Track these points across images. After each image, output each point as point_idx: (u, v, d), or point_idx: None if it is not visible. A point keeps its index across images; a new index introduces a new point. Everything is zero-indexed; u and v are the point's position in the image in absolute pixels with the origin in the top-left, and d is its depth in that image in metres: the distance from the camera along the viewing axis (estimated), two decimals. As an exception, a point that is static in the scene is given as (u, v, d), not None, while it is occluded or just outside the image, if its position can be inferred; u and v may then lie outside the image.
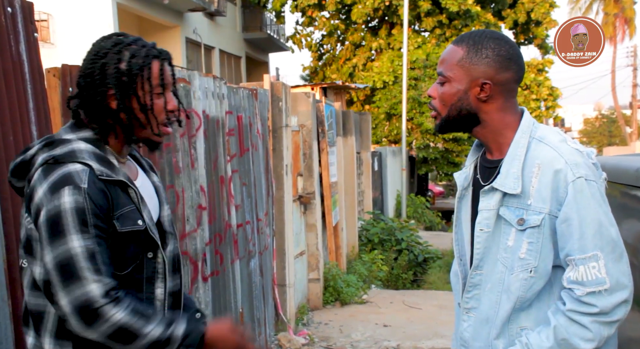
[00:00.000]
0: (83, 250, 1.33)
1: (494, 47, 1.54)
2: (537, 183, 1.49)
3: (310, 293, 6.50)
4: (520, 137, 1.54)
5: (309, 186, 6.43)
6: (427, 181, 20.63)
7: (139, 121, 1.49)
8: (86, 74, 1.46)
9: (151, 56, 1.48)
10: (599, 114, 52.34)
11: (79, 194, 1.35)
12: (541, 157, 1.49)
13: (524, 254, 1.51)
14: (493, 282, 1.56)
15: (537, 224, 1.48)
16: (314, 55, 20.27)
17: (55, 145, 1.44)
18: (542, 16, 18.55)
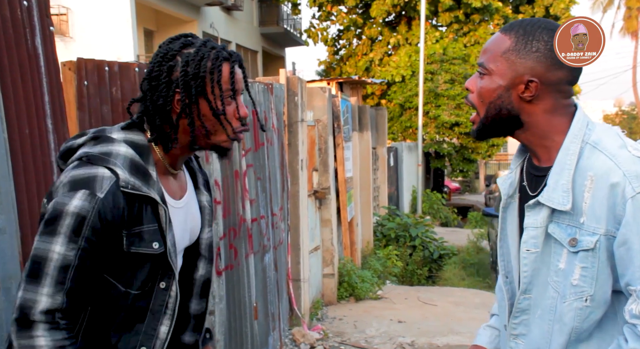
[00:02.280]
0: (59, 258, 1.27)
1: (547, 40, 1.32)
2: (591, 199, 1.26)
3: (325, 288, 6.50)
4: (571, 142, 1.31)
5: (324, 181, 6.41)
6: (443, 177, 20.52)
7: (205, 127, 1.40)
8: (152, 77, 1.38)
9: (221, 58, 1.39)
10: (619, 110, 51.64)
11: (89, 202, 1.28)
12: (595, 168, 1.27)
13: (577, 281, 1.29)
14: (544, 308, 1.36)
15: (590, 247, 1.26)
16: (330, 50, 20.22)
17: (99, 142, 1.37)
18: (561, 11, 18.30)
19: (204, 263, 1.61)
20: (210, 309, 3.29)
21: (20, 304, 1.26)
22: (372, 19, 18.56)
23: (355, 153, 8.12)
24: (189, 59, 1.37)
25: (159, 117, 1.39)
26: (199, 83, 1.37)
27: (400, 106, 17.25)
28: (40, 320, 1.25)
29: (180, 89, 1.36)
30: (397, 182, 13.15)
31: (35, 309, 1.25)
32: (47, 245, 1.27)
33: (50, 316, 1.26)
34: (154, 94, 1.38)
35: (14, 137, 1.97)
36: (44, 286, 1.26)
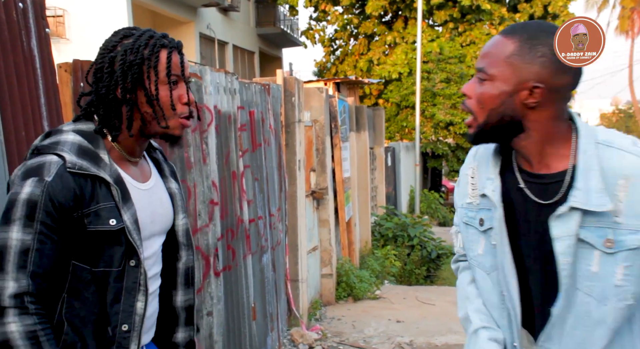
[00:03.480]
0: (17, 244, 1.30)
1: (552, 43, 1.27)
2: (626, 197, 1.23)
3: (323, 288, 6.50)
4: (587, 144, 1.28)
5: (321, 181, 6.42)
6: (440, 177, 20.53)
7: (146, 114, 1.45)
8: (96, 70, 1.45)
9: (158, 45, 1.44)
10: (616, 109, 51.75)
11: (38, 187, 1.32)
12: (627, 168, 1.24)
13: (620, 281, 1.25)
14: (577, 316, 1.30)
15: (636, 246, 1.23)
16: (327, 50, 20.23)
17: (50, 135, 1.43)
18: (560, 9, 18.31)
19: (184, 251, 1.63)
20: (209, 310, 3.29)
21: None
22: (369, 18, 18.57)
23: (352, 153, 8.12)
24: (127, 48, 1.42)
25: (102, 107, 1.43)
26: (136, 70, 1.42)
27: (397, 105, 17.26)
28: (10, 305, 1.27)
29: (120, 78, 1.42)
30: (394, 182, 13.16)
31: (4, 295, 1.27)
32: (5, 234, 1.31)
33: (19, 300, 1.28)
34: (98, 85, 1.44)
35: (10, 139, 1.97)
36: (8, 272, 1.29)
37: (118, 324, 1.42)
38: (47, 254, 1.33)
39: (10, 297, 1.27)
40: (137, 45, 1.43)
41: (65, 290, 1.39)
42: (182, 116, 1.48)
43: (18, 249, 1.30)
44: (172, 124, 1.47)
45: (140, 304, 1.45)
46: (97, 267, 1.40)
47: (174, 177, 1.67)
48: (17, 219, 1.31)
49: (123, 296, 1.43)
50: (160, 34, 1.48)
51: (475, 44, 17.62)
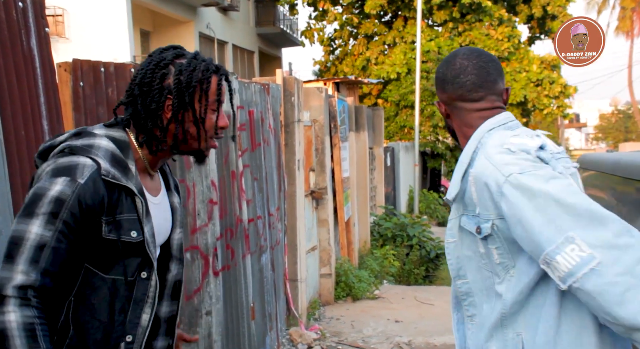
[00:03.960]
0: (35, 238, 1.31)
1: (438, 69, 1.62)
2: (475, 192, 1.44)
3: (322, 288, 6.50)
4: (470, 145, 1.52)
5: (321, 181, 6.42)
6: (439, 177, 20.52)
7: (188, 133, 1.49)
8: (144, 83, 1.46)
9: (211, 70, 1.50)
10: (615, 109, 51.77)
11: (69, 187, 1.34)
12: (475, 166, 1.46)
13: (498, 259, 1.45)
14: (487, 288, 1.50)
15: (489, 233, 1.43)
16: (326, 50, 20.22)
17: (82, 136, 1.44)
18: (558, 10, 18.33)
19: (175, 264, 1.65)
20: (207, 310, 3.29)
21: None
22: (368, 17, 18.56)
23: (352, 153, 8.13)
24: (182, 68, 1.46)
25: (150, 121, 1.47)
26: (191, 92, 1.46)
27: (396, 105, 17.26)
28: (13, 295, 1.28)
29: (172, 96, 1.45)
30: (393, 182, 13.16)
31: (9, 285, 1.28)
32: (25, 226, 1.31)
33: (22, 292, 1.29)
34: (146, 99, 1.46)
35: (10, 139, 1.98)
36: (19, 263, 1.29)
37: (123, 334, 1.43)
38: (61, 254, 1.34)
39: (14, 287, 1.28)
40: (192, 67, 1.47)
41: (72, 294, 1.39)
42: (213, 137, 1.54)
43: (35, 243, 1.31)
44: (205, 145, 1.53)
45: (145, 316, 1.47)
46: (108, 274, 1.41)
47: (177, 191, 1.71)
48: (41, 214, 1.32)
49: (131, 306, 1.45)
50: (209, 58, 1.53)
51: (474, 45, 17.62)
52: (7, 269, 1.29)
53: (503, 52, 17.48)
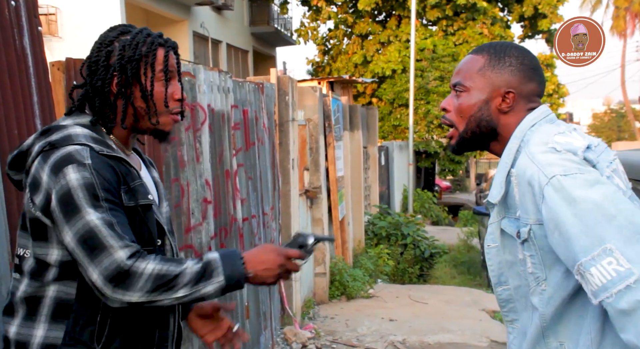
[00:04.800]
0: (101, 221, 1.30)
1: (517, 55, 1.44)
2: (518, 193, 1.35)
3: (317, 287, 6.51)
4: (512, 143, 1.42)
5: (315, 180, 6.42)
6: (433, 176, 20.57)
7: (138, 109, 1.47)
8: (91, 63, 1.47)
9: (156, 43, 1.48)
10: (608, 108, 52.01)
11: (84, 170, 1.32)
12: (517, 166, 1.35)
13: (530, 269, 1.36)
14: (523, 295, 1.43)
15: (526, 237, 1.34)
16: (320, 49, 20.22)
17: (51, 132, 1.42)
18: (549, 9, 18.40)
19: (169, 239, 1.63)
20: (202, 309, 3.29)
21: (105, 277, 1.29)
22: (362, 16, 18.57)
23: (346, 152, 8.13)
24: (126, 44, 1.46)
25: (98, 99, 1.46)
26: (134, 65, 1.45)
27: (390, 103, 17.29)
28: (131, 264, 1.30)
29: (117, 72, 1.44)
30: (388, 181, 13.18)
31: (121, 264, 1.29)
32: (82, 221, 1.30)
33: (133, 258, 1.31)
34: (93, 78, 1.45)
35: (3, 138, 1.97)
36: (111, 245, 1.30)
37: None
38: (125, 220, 1.36)
39: (128, 258, 1.30)
40: (136, 42, 1.46)
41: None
42: (174, 111, 1.51)
43: (105, 224, 1.31)
44: (163, 120, 1.50)
45: None
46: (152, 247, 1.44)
47: (154, 167, 1.72)
48: (84, 203, 1.31)
49: None
50: (157, 33, 1.51)
51: (468, 43, 17.67)
52: (108, 255, 1.29)
53: (496, 51, 17.53)
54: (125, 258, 1.30)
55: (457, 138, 1.50)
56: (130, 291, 1.30)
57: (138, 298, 1.31)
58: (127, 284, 1.30)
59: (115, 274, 1.29)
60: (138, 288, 1.30)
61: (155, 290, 1.32)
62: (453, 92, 1.50)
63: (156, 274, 1.31)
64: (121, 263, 1.29)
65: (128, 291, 1.30)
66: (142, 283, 1.30)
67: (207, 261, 1.38)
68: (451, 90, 1.52)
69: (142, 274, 1.30)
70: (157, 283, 1.31)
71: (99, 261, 1.29)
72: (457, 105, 1.48)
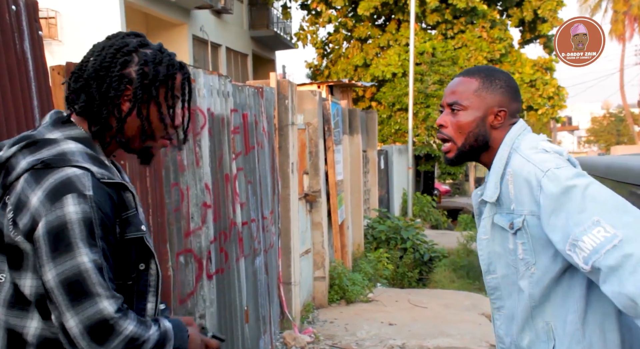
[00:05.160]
0: (93, 265, 1.22)
1: (505, 79, 1.67)
2: (513, 189, 1.58)
3: (316, 291, 6.50)
4: (503, 150, 1.64)
5: (315, 184, 6.42)
6: (433, 180, 20.58)
7: (146, 128, 1.39)
8: (102, 67, 1.34)
9: (176, 67, 1.42)
10: (607, 112, 52.05)
11: (85, 203, 1.23)
12: (513, 165, 1.59)
13: (521, 255, 1.59)
14: (510, 284, 1.65)
15: (520, 226, 1.57)
16: (319, 52, 20.25)
17: (40, 146, 1.29)
18: (549, 14, 18.44)
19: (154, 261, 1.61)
20: (201, 313, 3.29)
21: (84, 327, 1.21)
22: (362, 21, 18.59)
23: (345, 156, 8.13)
24: (147, 59, 1.37)
25: (106, 109, 1.36)
26: (157, 85, 1.38)
27: (390, 107, 17.29)
28: (117, 319, 1.24)
29: (133, 86, 1.36)
30: (387, 185, 13.18)
31: (107, 316, 1.23)
32: (72, 262, 1.22)
33: (119, 312, 1.25)
34: (103, 85, 1.35)
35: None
36: (100, 293, 1.23)
37: None
38: (110, 264, 1.29)
39: (115, 312, 1.24)
40: (158, 60, 1.39)
41: None
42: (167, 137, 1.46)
43: (96, 269, 1.23)
44: (156, 144, 1.45)
45: (150, 305, 1.43)
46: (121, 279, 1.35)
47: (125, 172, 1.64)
48: (80, 241, 1.22)
49: (135, 298, 1.40)
50: (173, 53, 1.46)
51: (467, 47, 17.70)
52: (94, 303, 1.22)
53: (495, 53, 17.56)
54: (113, 311, 1.23)
55: (455, 152, 1.69)
56: (103, 347, 1.23)
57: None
58: (105, 340, 1.22)
59: (97, 327, 1.21)
60: (112, 346, 1.23)
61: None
62: (448, 110, 1.69)
63: (131, 337, 1.26)
64: (107, 315, 1.22)
65: (102, 346, 1.22)
66: (117, 342, 1.24)
67: (164, 331, 1.35)
68: (444, 108, 1.71)
69: (122, 333, 1.24)
70: (128, 346, 1.26)
71: (82, 309, 1.21)
72: (455, 122, 1.67)
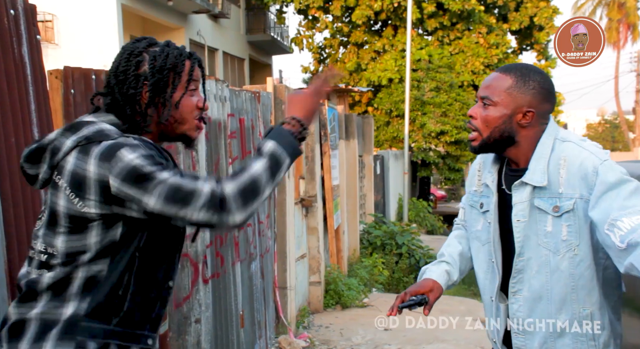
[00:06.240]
0: (175, 176, 1.37)
1: (539, 80, 1.72)
2: (566, 174, 1.67)
3: (311, 296, 6.49)
4: (546, 138, 1.72)
5: (310, 189, 6.43)
6: (429, 185, 20.60)
7: (168, 117, 1.54)
8: (120, 72, 1.51)
9: (184, 55, 1.56)
10: (602, 119, 52.27)
11: (138, 149, 1.38)
12: (567, 152, 1.69)
13: (565, 237, 1.68)
14: (540, 265, 1.72)
15: (570, 208, 1.66)
16: (315, 57, 20.28)
17: (78, 127, 1.45)
18: (545, 21, 18.51)
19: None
20: (197, 317, 3.29)
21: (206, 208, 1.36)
22: (358, 26, 18.63)
23: (341, 161, 8.14)
24: (156, 55, 1.52)
25: (129, 107, 1.51)
26: (165, 74, 1.52)
27: (387, 113, 17.31)
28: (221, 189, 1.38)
29: (147, 81, 1.51)
30: (383, 190, 13.19)
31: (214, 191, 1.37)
32: (158, 181, 1.35)
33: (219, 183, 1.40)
34: (123, 86, 1.50)
35: (0, 145, 1.97)
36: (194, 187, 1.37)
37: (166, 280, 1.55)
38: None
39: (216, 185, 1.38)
40: (165, 53, 1.53)
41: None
42: (197, 118, 1.60)
43: (178, 176, 1.38)
44: (189, 126, 1.58)
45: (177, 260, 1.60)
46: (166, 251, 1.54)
47: None
48: (152, 170, 1.36)
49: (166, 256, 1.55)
50: (181, 46, 1.60)
51: (464, 53, 17.75)
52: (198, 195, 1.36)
53: (492, 59, 17.60)
54: (214, 186, 1.37)
55: (479, 142, 1.77)
56: (233, 212, 1.38)
57: (242, 216, 1.39)
58: (228, 207, 1.37)
59: (216, 202, 1.36)
60: (235, 208, 1.38)
61: (248, 203, 1.40)
62: (480, 103, 1.77)
63: (242, 189, 1.39)
64: (214, 192, 1.37)
65: (231, 213, 1.38)
66: (237, 203, 1.38)
67: (270, 153, 1.47)
68: (478, 100, 1.78)
69: (233, 194, 1.38)
70: (247, 196, 1.39)
71: (194, 203, 1.36)
72: (484, 115, 1.75)
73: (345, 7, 18.08)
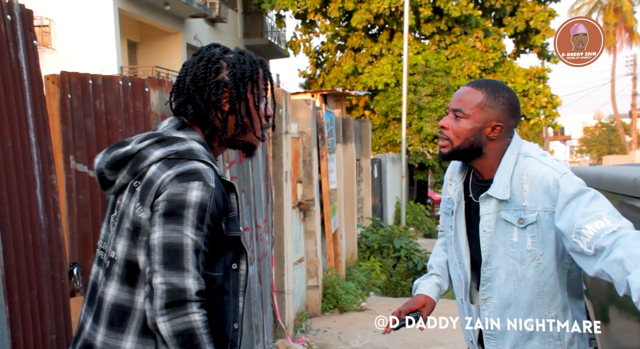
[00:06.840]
0: (193, 244, 1.37)
1: (507, 96, 1.84)
2: (529, 188, 1.79)
3: (309, 300, 6.49)
4: (510, 153, 1.84)
5: (308, 192, 6.43)
6: (426, 189, 20.61)
7: (245, 123, 1.55)
8: (199, 78, 1.51)
9: (257, 62, 1.58)
10: (599, 122, 52.38)
11: (206, 192, 1.39)
12: (529, 167, 1.80)
13: (530, 247, 1.79)
14: (507, 273, 1.83)
15: (534, 221, 1.77)
16: (312, 61, 20.30)
17: (170, 142, 1.47)
18: (541, 24, 18.57)
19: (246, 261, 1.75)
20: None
21: (166, 290, 1.34)
22: (355, 30, 18.67)
23: (339, 165, 8.15)
24: (234, 62, 1.54)
25: (212, 113, 1.52)
26: (245, 83, 1.54)
27: (384, 116, 17.33)
28: (193, 300, 1.36)
29: (229, 88, 1.52)
30: (381, 193, 13.20)
31: (191, 291, 1.35)
32: (179, 233, 1.36)
33: (200, 295, 1.38)
34: (204, 93, 1.51)
35: (-3, 151, 1.97)
36: (189, 270, 1.36)
37: (232, 321, 1.54)
38: (206, 254, 1.42)
39: (197, 293, 1.36)
40: (242, 60, 1.55)
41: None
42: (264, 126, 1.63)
43: (193, 248, 1.37)
44: (258, 135, 1.61)
45: (241, 304, 1.57)
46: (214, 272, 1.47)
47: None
48: (191, 220, 1.37)
49: (232, 297, 1.53)
50: (250, 52, 1.62)
51: (461, 57, 17.79)
52: (181, 275, 1.35)
53: (488, 62, 17.65)
54: (193, 289, 1.35)
55: (449, 149, 1.88)
56: (168, 317, 1.34)
57: (164, 329, 1.35)
58: (174, 311, 1.34)
59: (176, 294, 1.34)
60: (174, 322, 1.34)
61: (177, 339, 1.36)
62: (452, 114, 1.87)
63: (193, 328, 1.36)
64: (189, 290, 1.35)
65: (167, 316, 1.34)
66: (180, 322, 1.34)
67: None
68: (449, 112, 1.88)
69: (188, 316, 1.35)
70: (184, 336, 1.35)
71: (170, 274, 1.35)
72: (455, 127, 1.85)
73: (344, 11, 18.11)
